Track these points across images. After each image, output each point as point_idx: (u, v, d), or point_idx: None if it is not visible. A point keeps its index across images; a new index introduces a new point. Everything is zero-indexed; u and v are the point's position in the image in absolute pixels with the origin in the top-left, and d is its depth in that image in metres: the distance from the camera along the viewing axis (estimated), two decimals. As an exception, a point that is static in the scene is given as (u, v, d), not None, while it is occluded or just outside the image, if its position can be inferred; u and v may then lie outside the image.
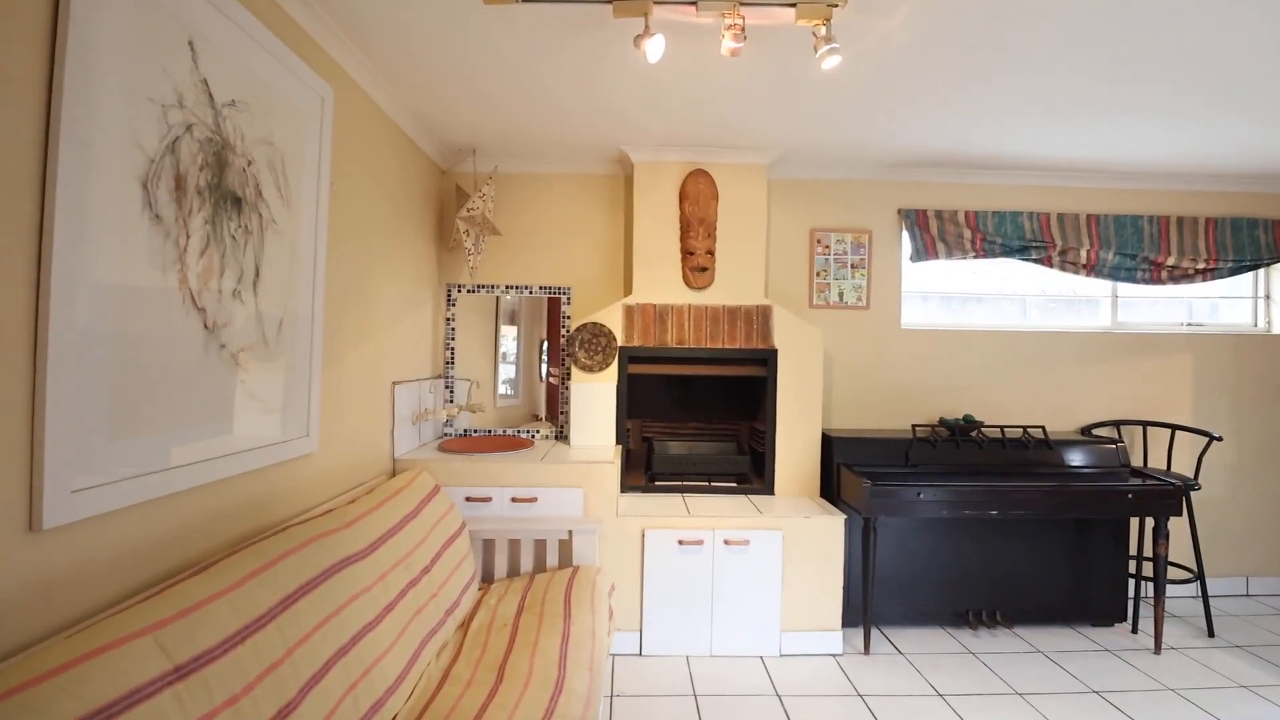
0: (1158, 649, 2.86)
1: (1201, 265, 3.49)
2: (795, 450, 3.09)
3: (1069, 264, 3.47)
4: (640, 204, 3.13)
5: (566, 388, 3.30)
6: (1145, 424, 3.45)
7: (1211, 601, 3.39)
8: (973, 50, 2.12)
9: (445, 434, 3.28)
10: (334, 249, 2.11)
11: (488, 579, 2.65)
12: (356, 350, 2.32)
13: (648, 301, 3.11)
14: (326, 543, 1.66)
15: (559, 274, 3.38)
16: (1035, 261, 3.46)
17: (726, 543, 2.69)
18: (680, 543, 2.68)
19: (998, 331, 3.53)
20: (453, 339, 3.31)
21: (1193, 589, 3.49)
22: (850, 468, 2.94)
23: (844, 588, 2.92)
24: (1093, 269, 3.48)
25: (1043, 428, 3.14)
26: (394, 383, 2.67)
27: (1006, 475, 2.94)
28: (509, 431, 3.32)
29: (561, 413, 3.33)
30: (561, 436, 3.31)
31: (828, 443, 3.11)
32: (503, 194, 3.36)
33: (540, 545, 2.64)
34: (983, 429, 3.20)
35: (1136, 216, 3.50)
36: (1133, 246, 3.47)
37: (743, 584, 2.71)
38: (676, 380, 3.41)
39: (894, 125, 2.78)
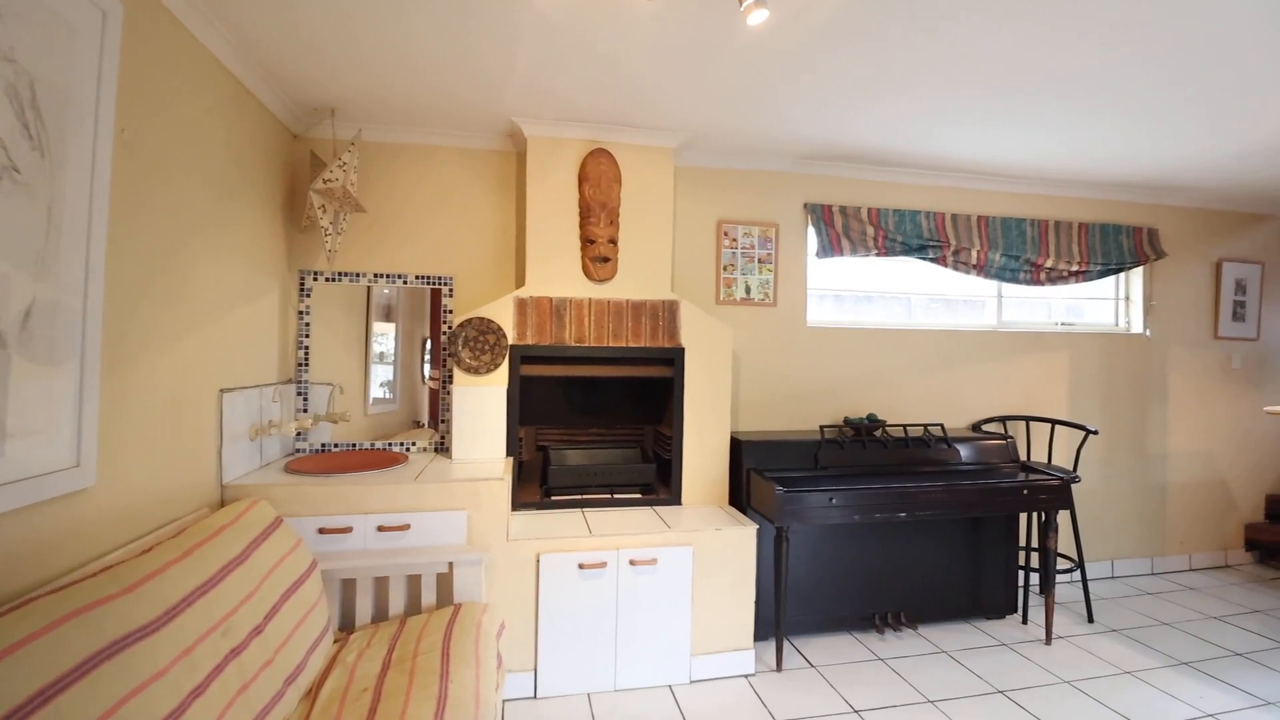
0: (1048, 640, 2.93)
1: (1075, 268, 3.67)
2: (704, 456, 2.88)
3: (961, 264, 3.53)
4: (535, 185, 2.78)
5: (448, 392, 2.89)
6: (1028, 419, 3.58)
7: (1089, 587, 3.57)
8: (882, 44, 1.99)
9: (297, 450, 2.75)
10: (124, 218, 1.60)
11: (347, 627, 2.21)
12: (165, 352, 1.80)
13: (543, 294, 2.77)
14: (95, 617, 1.21)
15: (440, 262, 2.95)
16: (932, 260, 3.48)
17: (632, 563, 2.41)
18: (581, 567, 2.38)
19: (897, 330, 3.52)
20: (307, 336, 2.78)
21: (1069, 575, 3.67)
22: (761, 473, 2.77)
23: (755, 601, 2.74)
24: (982, 269, 3.56)
25: (941, 425, 3.15)
26: (222, 390, 2.15)
27: (912, 475, 2.90)
28: (379, 445, 2.85)
29: (443, 420, 2.91)
30: (443, 448, 2.89)
31: (737, 447, 2.93)
32: (372, 167, 2.88)
33: (414, 582, 2.23)
34: (886, 428, 3.16)
35: (1020, 219, 3.62)
36: (1016, 248, 3.59)
37: (650, 608, 2.44)
38: (576, 382, 3.10)
39: (805, 114, 2.63)
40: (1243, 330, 4.08)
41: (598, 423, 3.16)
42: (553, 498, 2.78)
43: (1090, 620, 3.20)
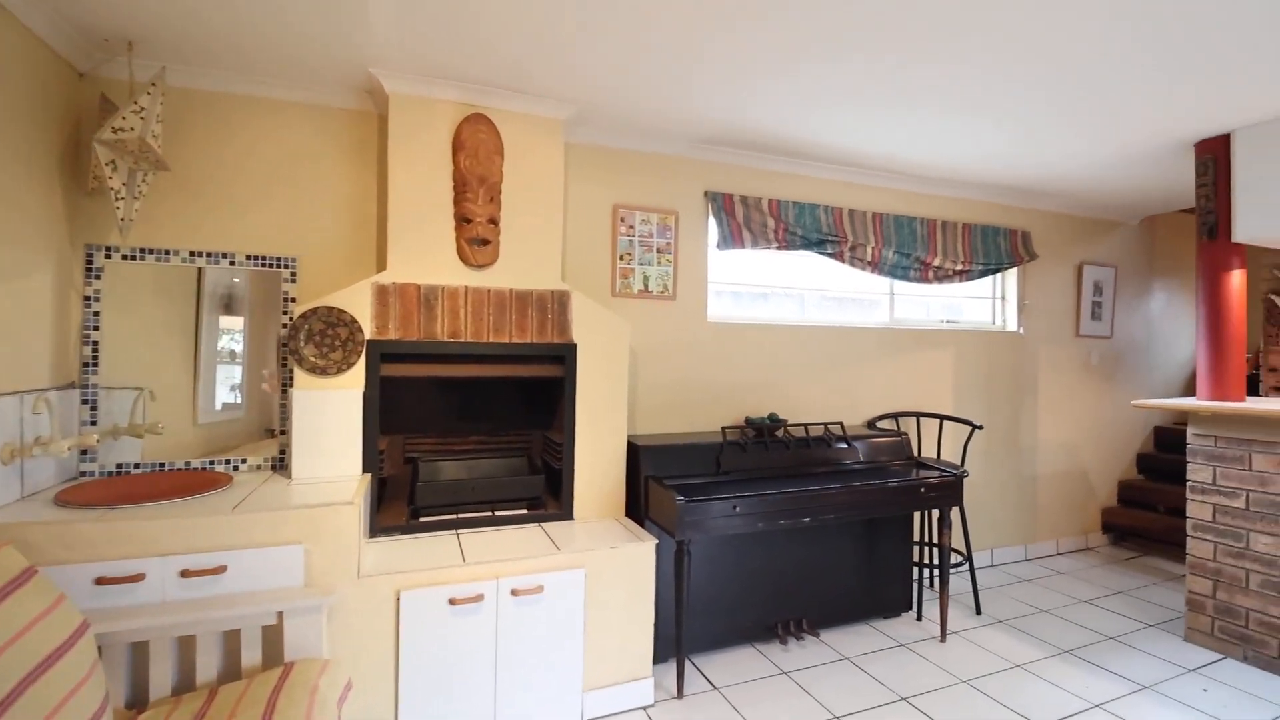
0: (943, 637, 2.92)
1: (960, 267, 3.76)
2: (598, 463, 2.59)
3: (858, 260, 3.49)
4: (399, 152, 2.36)
5: (287, 397, 2.40)
6: (919, 415, 3.61)
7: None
8: (780, 27, 1.80)
9: (82, 474, 2.17)
10: None
11: (139, 703, 1.71)
12: None
13: (409, 281, 2.36)
14: None
15: (282, 240, 2.46)
16: (830, 255, 3.41)
17: (515, 593, 2.08)
18: (453, 602, 2.01)
19: (797, 327, 3.42)
20: (96, 328, 2.20)
21: (958, 568, 3.75)
22: (660, 481, 2.53)
23: (654, 624, 2.50)
24: (877, 266, 3.54)
25: (840, 424, 3.07)
26: (-59, 400, 1.58)
27: (814, 477, 2.78)
28: (198, 464, 2.31)
29: (283, 431, 2.42)
30: (283, 465, 2.40)
31: (634, 452, 2.67)
32: (191, 120, 2.33)
33: (232, 639, 1.78)
34: (788, 428, 3.03)
35: (912, 218, 3.64)
36: (908, 246, 3.61)
37: (536, 643, 2.12)
38: (454, 384, 2.71)
39: (704, 91, 2.41)
40: (1100, 329, 4.39)
41: (479, 429, 2.78)
42: (421, 519, 2.38)
43: (978, 612, 3.25)
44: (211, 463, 2.34)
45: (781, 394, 3.37)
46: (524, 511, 2.52)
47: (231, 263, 2.37)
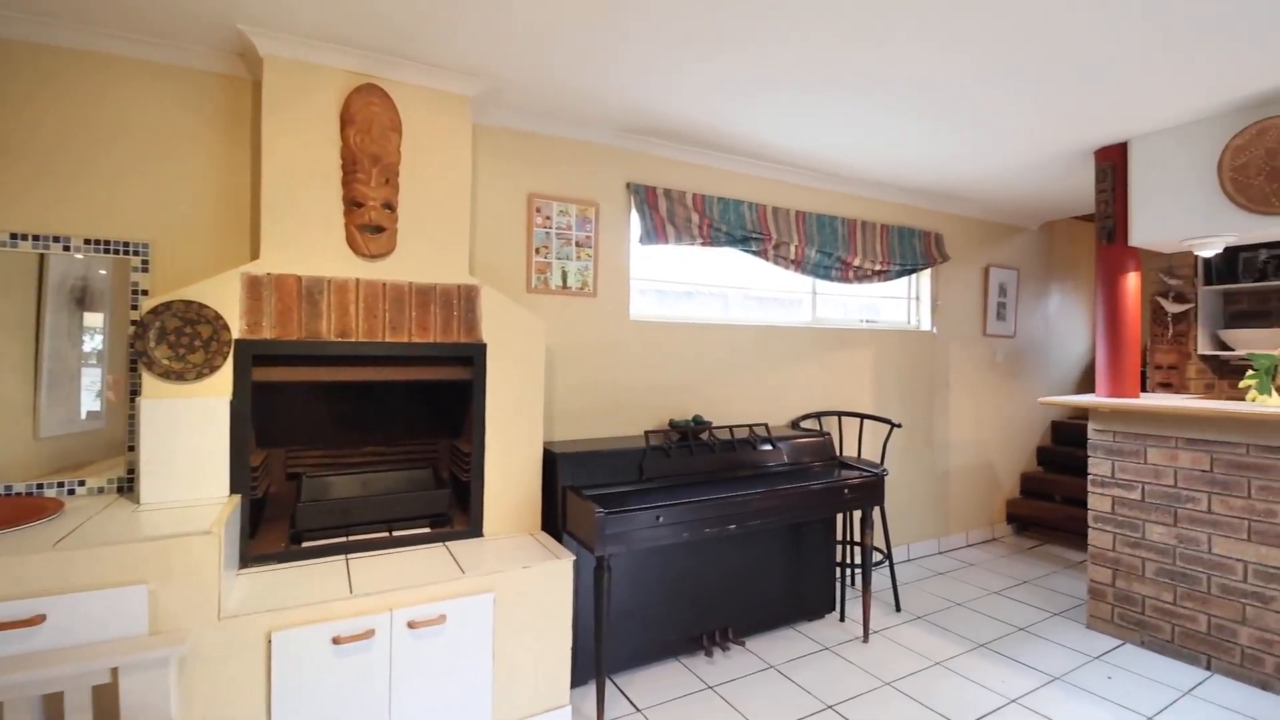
0: (866, 637, 2.90)
1: (878, 267, 3.79)
2: (511, 474, 2.38)
3: (781, 258, 3.44)
4: (276, 123, 2.06)
5: (134, 407, 2.04)
6: (840, 415, 3.61)
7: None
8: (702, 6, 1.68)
9: None
10: None
11: (-90, 798, 1.36)
12: None
13: (288, 272, 2.06)
14: None
15: (126, 221, 2.09)
16: (754, 253, 3.34)
17: (412, 625, 1.84)
18: (336, 641, 1.75)
19: (722, 326, 3.33)
20: (-128, 325, 1.77)
21: (879, 566, 3.79)
22: (578, 491, 2.35)
23: (572, 642, 2.32)
24: (800, 264, 3.51)
25: (766, 425, 3.00)
26: None
27: (741, 481, 2.68)
28: (22, 489, 1.92)
29: (130, 447, 2.06)
30: (131, 487, 2.04)
31: (551, 461, 2.48)
32: (11, 76, 1.93)
33: (53, 704, 1.45)
34: (713, 430, 2.92)
35: (834, 217, 3.64)
36: (830, 245, 3.60)
37: (437, 680, 1.89)
38: (347, 390, 2.42)
39: (626, 72, 2.25)
40: (1004, 329, 4.58)
41: (375, 440, 2.50)
42: (304, 544, 2.09)
43: (898, 609, 3.27)
44: (40, 486, 1.95)
45: (706, 395, 3.27)
46: (427, 530, 2.27)
47: (66, 248, 1.99)
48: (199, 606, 1.63)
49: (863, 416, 3.51)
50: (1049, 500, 4.58)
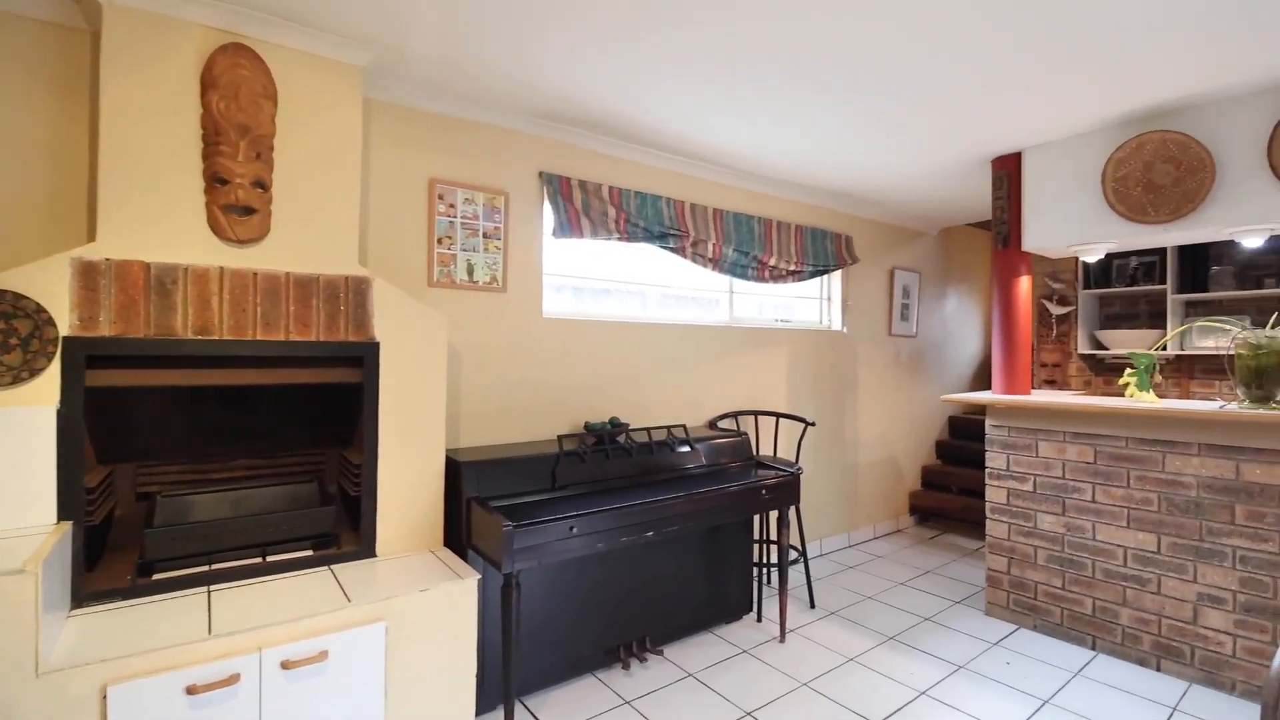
0: (783, 637, 2.90)
1: (792, 267, 3.83)
2: (409, 486, 2.16)
3: (699, 256, 3.39)
4: (119, 82, 1.74)
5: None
6: (757, 414, 3.61)
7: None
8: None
9: None
10: None
11: None
12: None
13: (132, 258, 1.75)
14: None
15: (-80, 193, 1.71)
16: (672, 250, 3.27)
17: (286, 666, 1.61)
18: (191, 691, 1.49)
19: (640, 324, 3.23)
20: None
21: (794, 564, 3.82)
22: (484, 503, 2.17)
23: (479, 663, 2.14)
24: (717, 263, 3.47)
25: (684, 426, 2.93)
26: None
27: (659, 486, 2.59)
28: None
29: (-81, 470, 1.68)
30: (-78, 517, 1.67)
31: (455, 470, 2.28)
32: None
33: None
34: (629, 433, 2.82)
35: (750, 216, 3.63)
36: (747, 244, 3.59)
37: (319, 724, 1.66)
38: (209, 395, 2.11)
39: (540, 52, 2.10)
40: (907, 329, 4.77)
41: (251, 451, 2.21)
42: (155, 576, 1.79)
43: (812, 606, 3.30)
44: None
45: (624, 396, 3.16)
46: (309, 553, 2.02)
47: None
48: (11, 660, 1.33)
49: (778, 415, 3.52)
50: (947, 491, 4.82)
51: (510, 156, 2.75)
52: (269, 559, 1.95)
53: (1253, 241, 2.52)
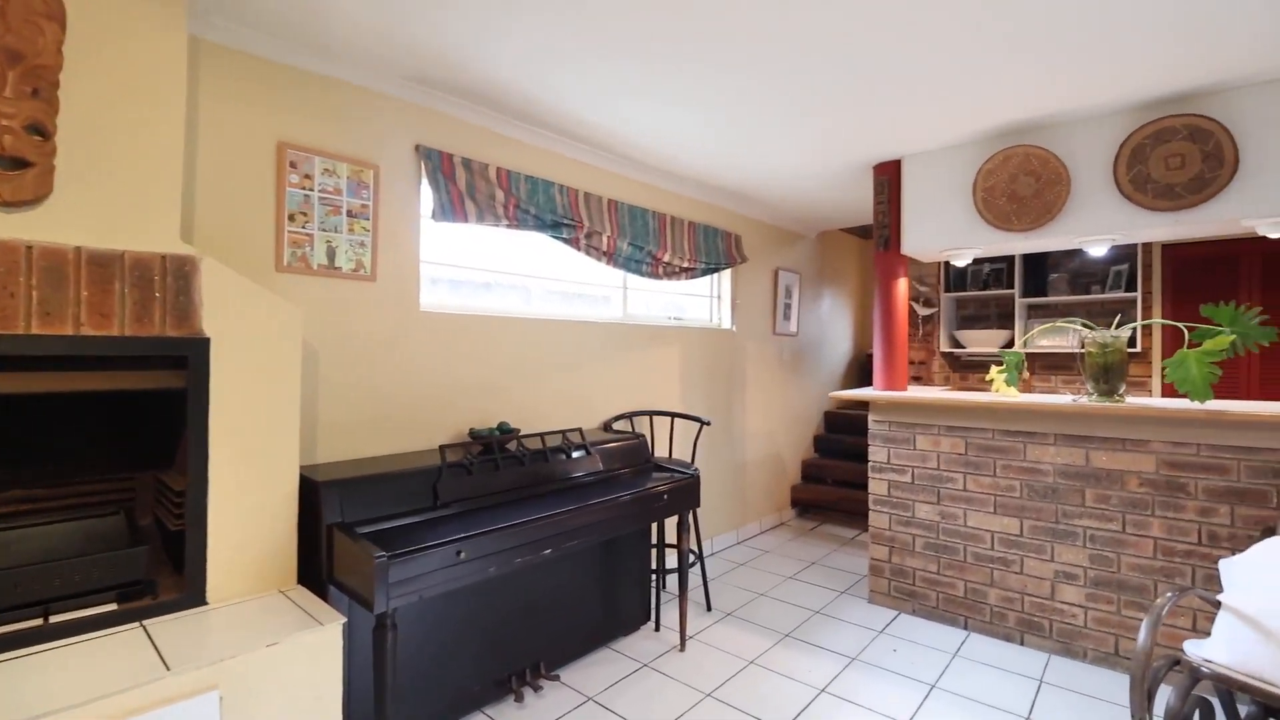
0: (683, 646, 2.80)
1: (686, 264, 3.76)
2: (249, 514, 1.77)
3: (593, 248, 3.20)
4: None
5: None
6: (652, 414, 3.49)
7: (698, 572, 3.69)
8: None
9: None
10: None
11: None
12: None
13: None
14: None
15: None
16: (565, 241, 3.06)
17: (72, 768, 1.20)
18: (-89, 827, 1.06)
19: (530, 320, 2.98)
20: None
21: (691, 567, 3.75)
22: (350, 529, 1.84)
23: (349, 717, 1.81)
24: (611, 256, 3.31)
25: (580, 430, 2.73)
26: None
27: (555, 496, 2.37)
28: None
29: None
30: None
31: (312, 492, 1.91)
32: None
33: None
34: (521, 439, 2.57)
35: (645, 210, 3.51)
36: (641, 239, 3.46)
37: (122, 836, 1.27)
38: (-38, 404, 1.58)
39: (418, 7, 1.80)
40: (789, 328, 4.91)
41: (26, 479, 1.69)
42: None
43: (709, 608, 3.24)
44: None
45: (513, 399, 2.89)
46: (113, 607, 1.57)
47: None
48: None
49: (673, 415, 3.42)
50: (824, 484, 5.03)
51: (382, 125, 2.39)
52: (53, 620, 1.49)
53: (1098, 250, 2.79)
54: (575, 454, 2.60)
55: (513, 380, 2.89)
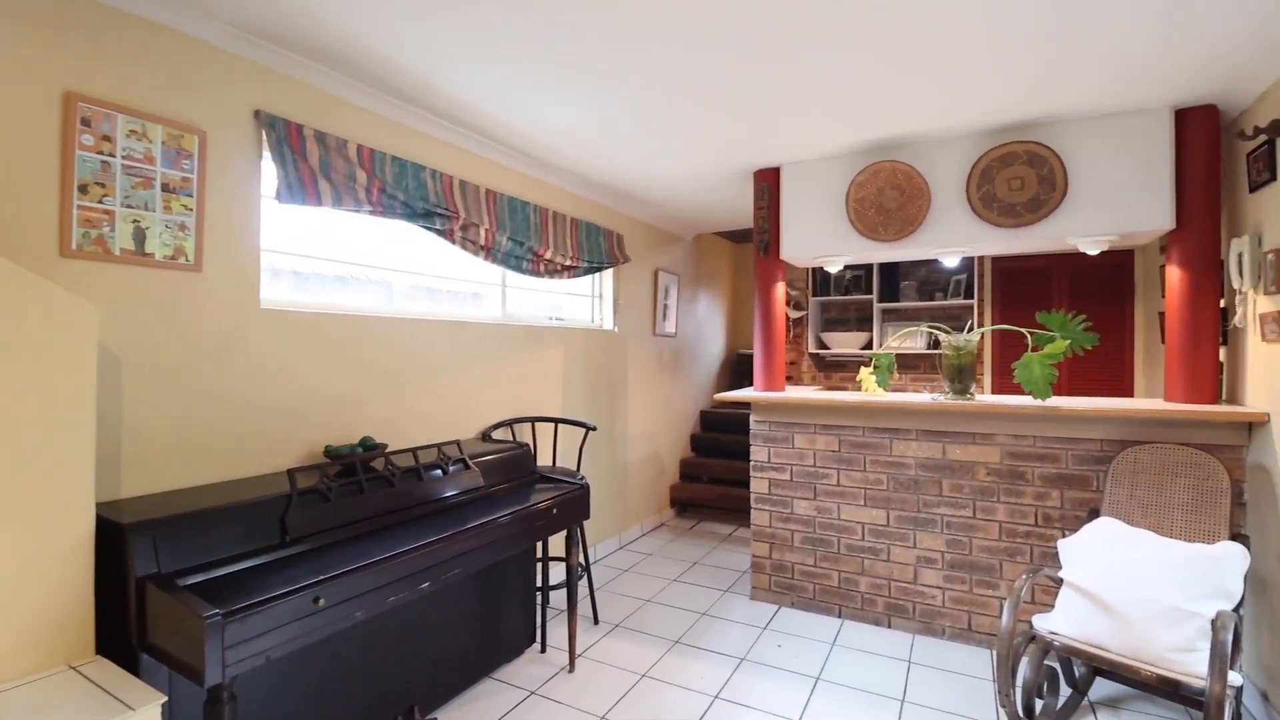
0: (572, 666, 2.65)
1: (568, 262, 3.60)
2: (23, 570, 1.35)
3: (470, 242, 2.94)
4: None
5: None
6: (534, 420, 3.30)
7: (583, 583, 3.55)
8: None
9: None
10: None
11: None
12: None
13: None
14: None
15: None
16: (438, 232, 2.77)
17: None
18: None
19: (398, 320, 2.66)
20: None
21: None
22: (168, 582, 1.47)
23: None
24: (490, 251, 3.06)
25: (458, 443, 2.49)
26: None
27: (434, 520, 2.11)
28: None
29: None
30: None
31: (115, 535, 1.50)
32: None
33: None
34: (390, 456, 2.27)
35: (526, 203, 3.29)
36: (522, 233, 3.24)
37: None
38: None
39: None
40: (668, 329, 4.93)
41: None
42: None
43: (596, 621, 3.12)
44: None
45: (377, 410, 2.56)
46: None
47: None
48: None
49: (557, 421, 3.25)
50: (701, 482, 5.12)
51: (211, 82, 1.98)
52: None
53: (951, 261, 3.04)
54: (453, 469, 2.35)
55: (377, 389, 2.55)
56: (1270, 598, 2.22)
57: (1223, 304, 2.53)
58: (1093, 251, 2.73)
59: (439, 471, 2.29)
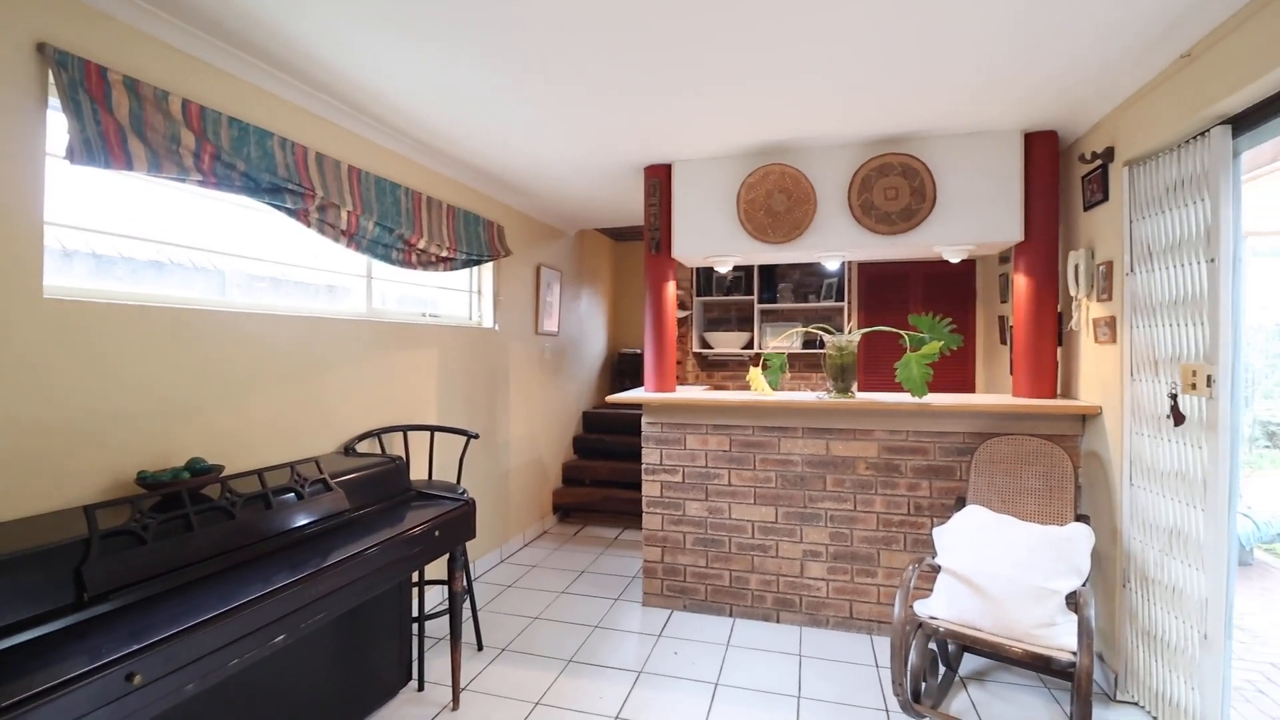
0: (456, 703, 2.39)
1: (445, 253, 3.28)
2: None
3: (328, 225, 2.55)
4: None
5: None
6: (407, 429, 2.96)
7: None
8: None
9: None
10: None
11: None
12: None
13: None
14: None
15: None
16: (289, 212, 2.37)
17: None
18: None
19: (237, 314, 2.23)
20: None
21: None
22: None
23: None
24: (353, 237, 2.69)
25: (316, 461, 2.13)
26: None
27: (288, 556, 1.77)
28: None
29: None
30: None
31: None
32: None
33: None
34: (227, 481, 1.87)
35: (397, 185, 2.94)
36: (392, 219, 2.89)
37: None
38: None
39: None
40: (551, 326, 4.72)
41: None
42: None
43: (480, 647, 2.87)
44: None
45: (210, 423, 2.12)
46: None
47: None
48: None
49: (433, 429, 2.95)
50: (584, 485, 4.97)
51: (-44, -2, 1.49)
52: None
53: (833, 264, 3.15)
54: (310, 492, 2.00)
55: (210, 398, 2.11)
56: (1102, 569, 2.52)
57: (1059, 309, 2.84)
58: (955, 260, 2.95)
59: (293, 495, 1.94)
